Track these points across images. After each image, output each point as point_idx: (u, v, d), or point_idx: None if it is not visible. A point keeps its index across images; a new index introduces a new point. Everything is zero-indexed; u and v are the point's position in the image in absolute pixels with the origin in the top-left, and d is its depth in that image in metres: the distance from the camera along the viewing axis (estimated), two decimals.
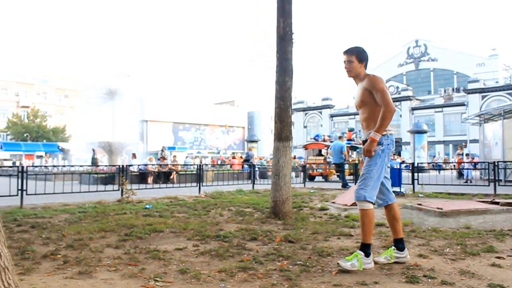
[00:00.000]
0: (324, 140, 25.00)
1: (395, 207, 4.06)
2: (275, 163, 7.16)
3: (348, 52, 3.96)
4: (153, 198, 10.40)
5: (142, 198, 10.21)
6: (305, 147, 27.16)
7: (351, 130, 27.76)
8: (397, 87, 58.76)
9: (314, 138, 25.90)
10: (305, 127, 67.45)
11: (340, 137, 17.30)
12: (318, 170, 21.52)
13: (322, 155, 23.64)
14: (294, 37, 7.19)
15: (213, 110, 75.16)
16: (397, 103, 56.48)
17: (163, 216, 7.27)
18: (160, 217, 7.19)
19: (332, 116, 65.75)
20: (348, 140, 24.73)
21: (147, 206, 8.66)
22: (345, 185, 14.75)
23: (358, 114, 4.24)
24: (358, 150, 23.80)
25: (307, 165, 20.38)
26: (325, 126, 64.64)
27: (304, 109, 68.08)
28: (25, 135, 55.25)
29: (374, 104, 3.82)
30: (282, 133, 7.11)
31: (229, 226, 6.18)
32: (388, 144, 3.90)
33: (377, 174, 3.82)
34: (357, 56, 3.93)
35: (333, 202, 9.30)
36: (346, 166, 16.91)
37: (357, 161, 20.38)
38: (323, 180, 20.47)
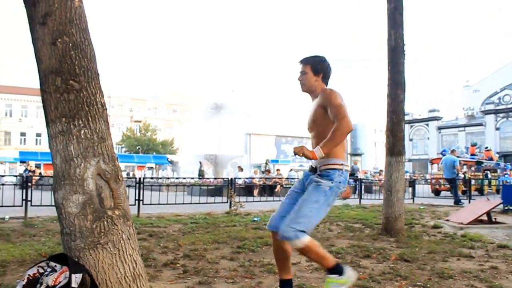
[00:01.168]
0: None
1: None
2: (387, 179, 6.96)
3: (302, 61, 3.34)
4: (260, 211, 10.58)
5: (249, 210, 10.44)
6: (432, 161, 26.43)
7: (474, 144, 26.94)
8: None
9: (442, 153, 25.22)
10: (410, 140, 64.82)
11: (452, 151, 16.42)
12: (446, 185, 20.64)
13: None
14: (406, 48, 6.98)
15: None
16: None
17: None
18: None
19: (439, 128, 62.56)
20: (471, 155, 23.67)
21: (255, 219, 8.82)
22: (457, 202, 13.93)
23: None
24: (482, 164, 22.73)
25: (434, 180, 19.62)
26: (432, 139, 61.69)
27: (409, 121, 65.48)
28: (137, 147, 59.07)
29: (330, 125, 2.97)
30: (395, 147, 6.90)
31: (340, 242, 6.10)
32: (339, 182, 3.10)
33: (316, 215, 2.99)
34: (312, 67, 3.28)
35: (447, 220, 8.83)
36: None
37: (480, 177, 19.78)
38: (451, 195, 19.59)
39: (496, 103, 55.20)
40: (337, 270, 3.01)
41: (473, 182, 20.08)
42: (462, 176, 19.81)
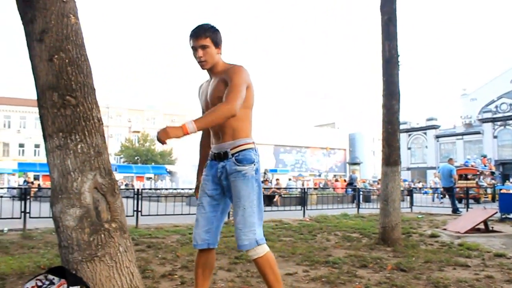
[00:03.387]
0: (472, 166, 24.65)
1: (213, 254, 2.96)
2: (384, 188, 7.00)
3: (199, 34, 2.73)
4: None
5: None
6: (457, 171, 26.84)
7: (484, 156, 27.48)
8: (510, 104, 54.56)
9: (465, 164, 25.68)
10: (409, 148, 64.84)
11: (449, 160, 16.46)
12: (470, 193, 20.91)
13: (469, 179, 23.07)
14: (400, 59, 7.05)
15: (314, 133, 75.16)
16: (510, 122, 52.55)
17: (269, 239, 7.38)
18: (267, 240, 7.27)
19: (437, 137, 62.62)
20: (484, 165, 24.04)
21: None
22: (455, 210, 13.94)
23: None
24: (495, 175, 23.07)
25: (457, 189, 19.87)
26: (430, 148, 61.72)
27: (407, 130, 65.56)
28: (136, 158, 59.01)
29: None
30: (390, 157, 6.95)
31: (337, 252, 6.13)
32: (258, 162, 2.82)
33: (258, 203, 2.75)
34: (212, 39, 2.74)
35: (444, 229, 8.85)
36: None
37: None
38: (474, 203, 19.66)
39: (493, 111, 55.32)
40: None
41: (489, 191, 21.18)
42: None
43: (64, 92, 2.74)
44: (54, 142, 2.73)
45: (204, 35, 2.71)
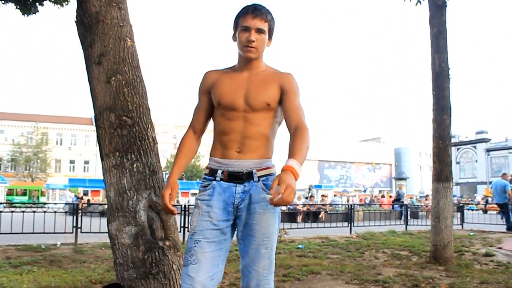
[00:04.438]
0: None
1: None
2: (435, 205, 6.80)
3: (260, 14, 2.17)
4: (304, 238, 10.50)
5: (293, 237, 10.38)
6: None
7: None
8: None
9: None
10: (457, 163, 62.94)
11: (503, 175, 15.82)
12: None
13: None
14: (450, 72, 6.90)
15: (359, 148, 74.22)
16: None
17: (317, 257, 7.31)
18: (314, 258, 7.22)
19: (488, 150, 60.50)
20: None
21: (300, 246, 8.76)
22: (510, 228, 13.36)
23: None
24: None
25: None
26: (480, 162, 59.67)
27: (456, 144, 63.68)
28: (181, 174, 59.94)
29: (275, 116, 2.23)
30: (442, 173, 6.76)
31: (387, 270, 5.98)
32: None
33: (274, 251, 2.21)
34: (270, 26, 2.23)
35: (500, 248, 8.50)
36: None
37: None
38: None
39: None
40: None
41: None
42: None
43: (120, 112, 2.84)
44: (110, 161, 2.82)
45: (266, 18, 2.17)
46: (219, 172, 2.18)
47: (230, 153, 2.17)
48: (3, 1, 7.17)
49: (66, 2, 7.46)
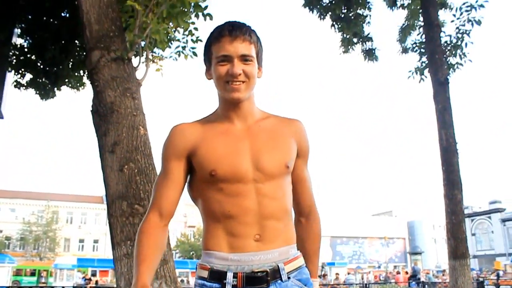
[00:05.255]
0: None
1: None
2: (453, 284, 6.59)
3: (242, 33, 1.50)
4: None
5: None
6: None
7: None
8: None
9: None
10: (473, 234, 61.39)
11: None
12: None
13: None
14: (458, 147, 6.95)
15: (371, 222, 73.07)
16: None
17: None
18: None
19: (503, 220, 59.24)
20: None
21: None
22: None
23: None
24: None
25: None
26: (496, 233, 58.24)
27: (470, 215, 62.39)
28: (191, 253, 58.92)
29: (289, 185, 1.61)
30: (458, 250, 6.61)
31: None
32: None
33: None
34: (258, 50, 1.57)
35: None
36: None
37: None
38: None
39: None
40: None
41: None
42: None
43: (132, 201, 2.86)
44: (122, 250, 2.80)
45: (250, 38, 1.50)
46: (229, 275, 1.45)
47: (245, 243, 1.46)
48: (24, 87, 7.54)
49: (82, 87, 7.83)
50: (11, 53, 7.17)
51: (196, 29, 4.10)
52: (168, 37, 4.25)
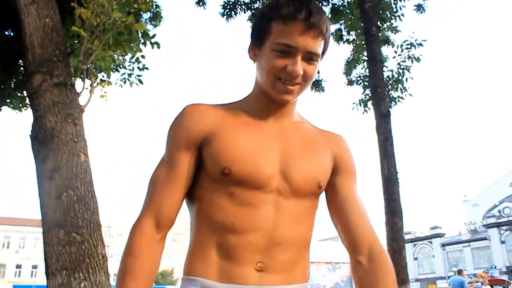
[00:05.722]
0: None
1: None
2: None
3: (322, 23, 1.11)
4: None
5: None
6: (489, 282, 26.61)
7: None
8: None
9: (491, 276, 25.86)
10: (415, 259, 63.21)
11: (459, 271, 16.03)
12: None
13: None
14: (399, 176, 7.20)
15: (318, 247, 73.73)
16: None
17: None
18: None
19: (443, 245, 61.43)
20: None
21: None
22: None
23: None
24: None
25: None
26: (437, 257, 60.23)
27: (412, 240, 64.37)
28: None
29: (315, 212, 1.26)
30: (398, 276, 6.78)
31: None
32: None
33: None
34: (326, 45, 1.19)
35: None
36: None
37: None
38: None
39: (497, 216, 54.87)
40: None
41: None
42: None
43: (70, 229, 2.80)
44: (57, 280, 2.72)
45: (325, 33, 1.15)
46: None
47: (244, 272, 1.11)
48: None
49: (25, 108, 7.58)
50: None
51: (143, 56, 4.11)
52: (114, 64, 4.22)
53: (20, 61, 6.99)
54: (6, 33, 7.04)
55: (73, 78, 3.32)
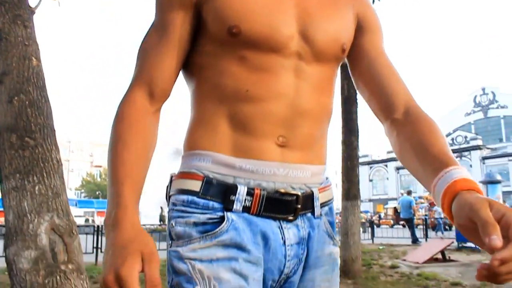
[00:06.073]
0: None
1: None
2: (344, 222, 7.16)
3: None
4: None
5: None
6: (430, 205, 27.73)
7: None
8: (465, 137, 56.75)
9: None
10: (370, 180, 66.07)
11: (408, 192, 16.90)
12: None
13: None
14: (358, 97, 7.34)
15: None
16: (466, 153, 54.52)
17: None
18: None
19: (398, 168, 64.13)
20: None
21: None
22: (415, 241, 14.28)
23: None
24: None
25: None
26: (391, 179, 63.06)
27: (369, 163, 66.88)
28: (97, 193, 57.84)
29: (335, 81, 1.11)
30: (350, 192, 7.15)
31: None
32: None
33: None
34: None
35: (404, 260, 9.05)
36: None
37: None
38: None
39: (450, 144, 57.16)
40: None
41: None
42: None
43: (23, 133, 2.76)
44: (10, 184, 2.72)
45: None
46: (242, 189, 0.94)
47: (263, 146, 0.96)
48: None
49: None
50: None
51: None
52: None
53: None
54: None
55: None
